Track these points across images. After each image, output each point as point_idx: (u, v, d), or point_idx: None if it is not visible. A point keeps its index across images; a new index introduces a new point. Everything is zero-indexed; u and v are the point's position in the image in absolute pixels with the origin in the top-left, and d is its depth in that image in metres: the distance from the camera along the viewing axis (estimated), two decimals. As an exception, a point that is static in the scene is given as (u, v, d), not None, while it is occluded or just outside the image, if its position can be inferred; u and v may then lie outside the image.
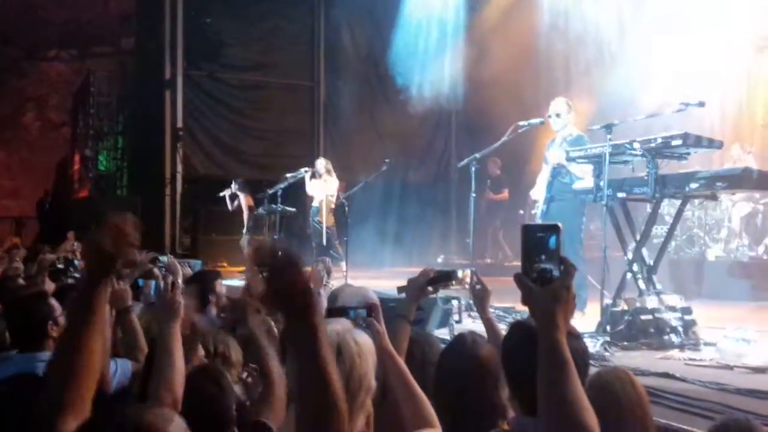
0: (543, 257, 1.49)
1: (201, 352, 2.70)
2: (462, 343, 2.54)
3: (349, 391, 1.95)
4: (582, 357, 2.19)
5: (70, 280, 5.78)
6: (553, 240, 1.49)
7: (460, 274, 2.79)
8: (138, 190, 14.87)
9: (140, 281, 2.63)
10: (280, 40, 14.37)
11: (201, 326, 3.37)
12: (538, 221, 7.14)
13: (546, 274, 1.48)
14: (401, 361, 2.33)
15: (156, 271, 3.17)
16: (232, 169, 13.96)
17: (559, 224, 1.51)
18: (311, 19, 14.76)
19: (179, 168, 13.83)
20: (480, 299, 2.98)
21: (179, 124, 13.82)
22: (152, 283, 2.60)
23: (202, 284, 4.94)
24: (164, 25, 13.77)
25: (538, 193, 6.78)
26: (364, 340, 2.12)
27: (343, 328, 2.09)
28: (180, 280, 5.29)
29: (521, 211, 12.39)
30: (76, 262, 6.64)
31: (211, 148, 14.12)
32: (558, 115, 6.59)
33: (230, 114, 14.20)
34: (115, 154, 16.44)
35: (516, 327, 2.09)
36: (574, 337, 2.27)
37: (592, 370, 3.58)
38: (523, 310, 2.43)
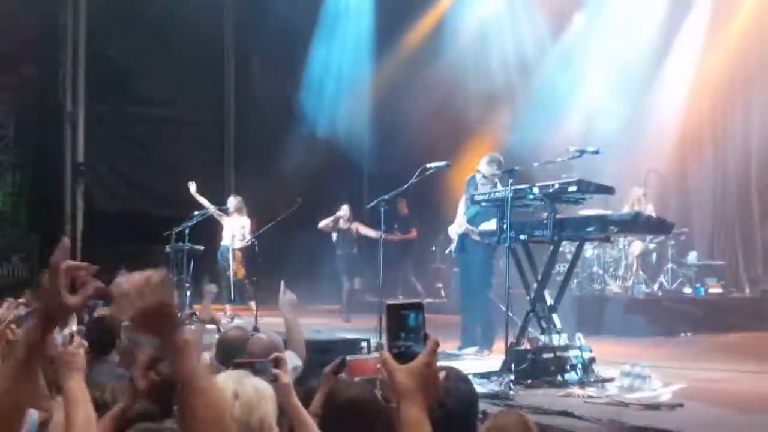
0: (403, 334, 1.51)
1: None
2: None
3: None
4: (470, 399, 2.36)
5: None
6: (413, 317, 1.51)
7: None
8: (37, 227, 14.19)
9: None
10: (188, 74, 14.10)
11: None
12: (453, 255, 7.32)
13: (407, 351, 1.50)
14: (307, 414, 2.42)
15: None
16: (139, 205, 13.57)
17: (423, 302, 1.55)
18: (221, 53, 14.64)
19: (80, 205, 13.34)
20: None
21: (81, 158, 13.35)
22: (58, 337, 2.52)
23: (102, 330, 4.77)
24: (66, 56, 13.35)
25: (453, 231, 6.99)
26: (262, 384, 2.18)
27: (239, 374, 2.17)
28: (75, 327, 5.11)
29: (433, 248, 12.59)
30: None
31: (115, 183, 13.69)
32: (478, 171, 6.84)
33: (136, 149, 13.81)
34: (12, 189, 15.67)
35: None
36: (462, 380, 2.40)
37: (496, 409, 3.68)
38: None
